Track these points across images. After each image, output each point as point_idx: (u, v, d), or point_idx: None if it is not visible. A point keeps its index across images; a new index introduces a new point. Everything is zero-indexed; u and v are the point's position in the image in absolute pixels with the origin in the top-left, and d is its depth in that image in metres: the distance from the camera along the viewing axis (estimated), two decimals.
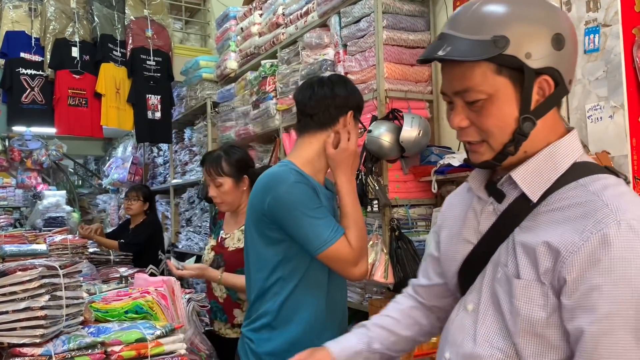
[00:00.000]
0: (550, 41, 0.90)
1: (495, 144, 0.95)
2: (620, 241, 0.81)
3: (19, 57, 4.74)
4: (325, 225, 1.59)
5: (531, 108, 0.93)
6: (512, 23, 0.90)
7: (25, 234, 4.18)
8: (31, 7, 4.83)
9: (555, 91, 0.93)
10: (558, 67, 0.91)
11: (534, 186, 0.95)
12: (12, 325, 1.55)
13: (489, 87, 0.92)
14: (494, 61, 0.90)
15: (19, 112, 4.79)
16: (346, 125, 1.71)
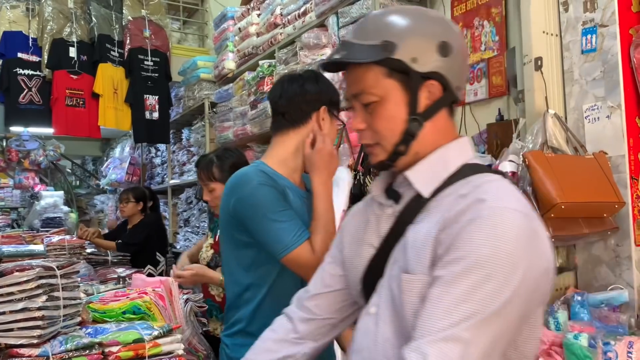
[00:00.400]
0: (437, 48, 0.97)
1: (387, 145, 1.01)
2: (491, 221, 0.85)
3: (17, 57, 4.74)
4: (289, 229, 1.53)
5: (420, 110, 1.00)
6: (401, 30, 0.98)
7: (23, 235, 4.17)
8: (28, 7, 4.83)
9: (443, 96, 1.00)
10: (444, 73, 0.99)
11: (425, 183, 1.00)
12: (9, 326, 1.55)
13: (380, 90, 0.99)
14: (384, 64, 0.97)
15: (17, 113, 4.78)
16: (319, 121, 1.66)
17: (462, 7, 3.09)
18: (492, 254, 0.83)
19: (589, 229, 1.94)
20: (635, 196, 2.02)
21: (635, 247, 1.99)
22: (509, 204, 0.88)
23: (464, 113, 3.06)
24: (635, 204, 2.02)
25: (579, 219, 1.94)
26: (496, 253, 0.83)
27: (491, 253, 0.83)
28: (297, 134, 1.66)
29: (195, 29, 6.22)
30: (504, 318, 0.83)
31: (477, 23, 2.99)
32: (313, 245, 1.54)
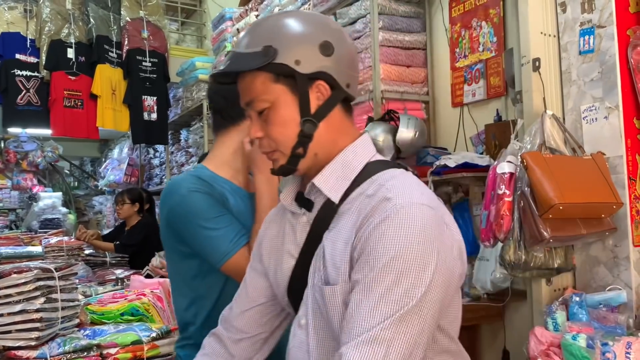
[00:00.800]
0: (319, 48, 0.97)
1: (285, 150, 1.00)
2: (397, 219, 0.87)
3: (15, 59, 4.74)
4: (224, 237, 1.42)
5: (312, 111, 0.99)
6: (280, 34, 0.98)
7: (21, 236, 4.17)
8: (26, 8, 4.82)
9: (332, 94, 1.00)
10: (330, 72, 0.98)
11: (333, 188, 0.99)
12: (7, 328, 1.55)
13: (270, 96, 0.99)
14: (268, 70, 0.97)
15: (15, 114, 4.78)
16: None
17: (460, 8, 3.09)
18: (403, 252, 0.85)
19: (587, 229, 1.94)
20: (633, 197, 2.02)
21: (633, 248, 1.99)
22: (413, 199, 0.90)
23: (462, 114, 3.06)
24: (633, 205, 2.02)
25: (577, 220, 1.94)
26: (406, 251, 0.85)
27: (401, 251, 0.85)
28: (239, 132, 1.55)
29: (193, 30, 6.22)
30: (423, 311, 0.85)
31: (475, 24, 3.00)
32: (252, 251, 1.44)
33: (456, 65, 3.11)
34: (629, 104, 2.03)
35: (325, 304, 0.94)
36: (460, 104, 3.08)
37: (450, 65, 3.14)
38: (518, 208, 1.95)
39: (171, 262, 1.56)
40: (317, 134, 0.99)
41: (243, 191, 1.56)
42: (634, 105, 2.04)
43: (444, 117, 3.20)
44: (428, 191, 0.97)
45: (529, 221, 1.91)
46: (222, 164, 1.55)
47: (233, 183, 1.54)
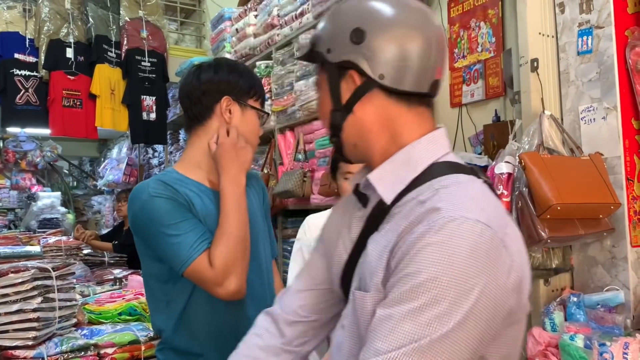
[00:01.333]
0: (349, 36, 0.92)
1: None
2: (443, 234, 0.77)
3: (13, 58, 4.73)
4: (183, 243, 1.37)
5: (343, 101, 0.95)
6: (325, 23, 0.98)
7: (20, 236, 4.17)
8: (25, 7, 4.81)
9: (362, 85, 0.93)
10: (358, 61, 0.92)
11: (387, 188, 0.92)
12: (4, 328, 1.55)
13: (318, 82, 1.01)
14: (310, 58, 0.99)
15: (13, 113, 4.77)
16: (224, 114, 1.49)
17: (458, 8, 3.09)
18: (442, 273, 0.75)
19: (585, 230, 1.94)
20: (630, 197, 2.02)
21: (631, 248, 2.00)
22: (467, 213, 0.79)
23: (461, 114, 3.06)
24: (630, 205, 2.02)
25: (575, 220, 1.94)
26: (446, 272, 0.75)
27: (441, 272, 0.75)
28: (206, 132, 1.51)
29: (192, 30, 6.22)
30: (455, 342, 0.75)
31: (473, 24, 3.00)
32: (211, 258, 1.37)
33: (455, 66, 3.11)
34: (627, 104, 2.03)
35: (356, 310, 0.89)
36: (458, 104, 3.08)
37: (449, 66, 3.14)
38: (516, 208, 1.95)
39: (144, 266, 1.52)
40: (350, 125, 0.95)
41: (213, 192, 1.51)
42: (632, 105, 2.05)
43: (442, 117, 3.20)
44: (494, 205, 0.85)
45: (526, 221, 1.91)
46: (192, 165, 1.52)
47: (202, 184, 1.51)
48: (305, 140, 3.59)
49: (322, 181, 3.27)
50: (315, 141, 3.51)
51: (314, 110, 3.49)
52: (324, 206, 3.42)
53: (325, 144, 3.42)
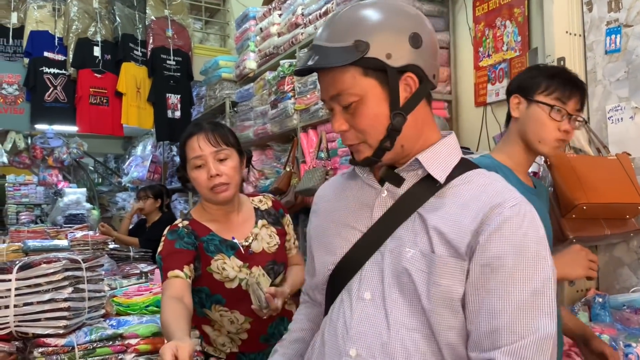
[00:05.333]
0: (408, 40, 0.97)
1: (373, 142, 1.01)
2: (522, 220, 0.93)
3: (43, 56, 4.82)
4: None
5: (400, 104, 0.99)
6: (371, 28, 0.97)
7: (47, 230, 4.26)
8: (55, 7, 4.91)
9: (421, 86, 1.00)
10: (419, 64, 0.99)
11: (439, 168, 1.02)
12: (37, 316, 1.59)
13: (359, 90, 0.98)
14: (359, 64, 0.97)
15: (42, 111, 4.87)
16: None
17: (484, 7, 3.08)
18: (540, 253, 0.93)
19: (610, 230, 1.93)
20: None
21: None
22: (526, 203, 0.97)
23: (485, 113, 3.05)
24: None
25: (601, 220, 1.92)
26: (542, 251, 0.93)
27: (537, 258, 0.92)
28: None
29: (217, 29, 6.28)
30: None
31: (499, 23, 2.98)
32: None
33: (480, 65, 3.10)
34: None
35: (432, 273, 0.95)
36: (483, 103, 3.07)
37: (474, 65, 3.13)
38: None
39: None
40: (407, 127, 1.00)
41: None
42: None
43: (466, 116, 3.19)
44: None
45: (552, 221, 1.90)
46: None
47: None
48: (327, 139, 3.61)
49: None
50: (337, 139, 3.52)
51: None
52: None
53: None
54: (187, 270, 1.69)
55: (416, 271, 0.97)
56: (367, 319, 1.00)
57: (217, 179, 1.71)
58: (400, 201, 1.03)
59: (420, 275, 0.96)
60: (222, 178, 1.71)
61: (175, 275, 1.67)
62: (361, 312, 1.01)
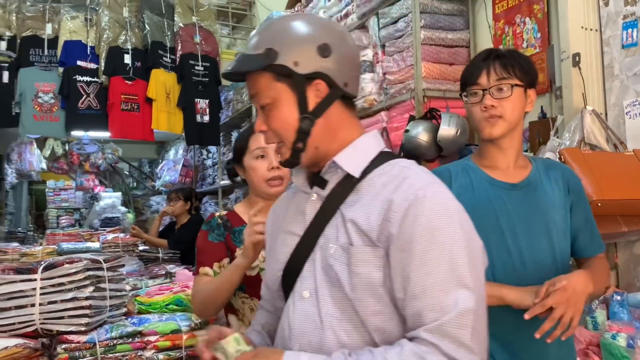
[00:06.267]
0: (317, 50, 1.06)
1: (288, 144, 1.10)
2: (428, 201, 0.99)
3: (76, 65, 4.97)
4: None
5: (310, 109, 1.08)
6: (282, 38, 1.07)
7: (81, 233, 4.41)
8: (87, 17, 5.06)
9: (330, 93, 1.08)
10: (327, 72, 1.07)
11: (354, 165, 1.09)
12: (60, 314, 1.67)
13: (272, 93, 1.08)
14: (270, 70, 1.06)
15: (76, 118, 5.02)
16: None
17: (503, 4, 3.06)
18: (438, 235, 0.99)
19: (628, 227, 1.90)
20: None
21: None
22: (433, 185, 1.03)
23: None
24: None
25: (618, 217, 1.90)
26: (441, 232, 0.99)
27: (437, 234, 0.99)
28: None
29: (243, 34, 6.36)
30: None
31: (518, 20, 2.96)
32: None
33: None
34: None
35: (351, 264, 1.02)
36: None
37: None
38: None
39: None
40: (315, 130, 1.08)
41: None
42: None
43: None
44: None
45: None
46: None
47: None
48: None
49: None
50: None
51: (358, 110, 3.52)
52: None
53: None
54: (216, 267, 1.79)
55: (339, 265, 1.04)
56: (305, 316, 1.07)
57: (276, 171, 1.82)
58: (326, 201, 1.10)
59: (342, 268, 1.04)
60: (280, 172, 1.82)
61: (205, 272, 1.76)
62: (300, 310, 1.09)
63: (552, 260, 1.56)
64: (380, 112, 3.38)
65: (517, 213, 1.56)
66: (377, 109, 3.40)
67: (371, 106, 3.44)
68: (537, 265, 1.53)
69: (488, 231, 1.54)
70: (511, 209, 1.57)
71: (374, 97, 3.42)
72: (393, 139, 3.25)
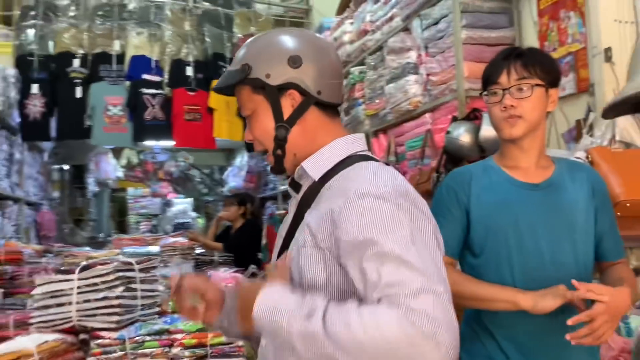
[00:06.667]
0: (287, 62, 1.11)
1: (270, 151, 1.16)
2: (364, 202, 0.99)
3: (142, 79, 5.26)
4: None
5: (285, 117, 1.13)
6: (255, 53, 1.14)
7: (146, 237, 4.66)
8: (151, 32, 5.35)
9: (303, 101, 1.13)
10: (298, 82, 1.12)
11: (315, 169, 1.14)
12: (93, 312, 1.80)
13: (251, 104, 1.15)
14: (247, 84, 1.14)
15: (143, 128, 5.30)
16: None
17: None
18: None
19: None
20: None
21: None
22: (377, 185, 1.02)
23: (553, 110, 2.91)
24: None
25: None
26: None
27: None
28: None
29: None
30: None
31: (563, 15, 2.85)
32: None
33: None
34: None
35: (299, 264, 1.07)
36: None
37: None
38: None
39: None
40: (292, 137, 1.14)
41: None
42: None
43: None
44: (390, 177, 1.06)
45: None
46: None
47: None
48: (396, 143, 3.63)
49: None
50: (405, 143, 3.54)
51: (404, 112, 3.52)
52: None
53: (415, 145, 3.43)
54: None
55: (295, 266, 1.08)
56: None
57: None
58: (299, 206, 1.15)
59: (296, 270, 1.07)
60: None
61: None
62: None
63: (574, 262, 1.52)
64: (425, 114, 3.36)
65: (538, 214, 1.53)
66: (422, 110, 3.38)
67: (416, 108, 3.42)
68: (558, 267, 1.49)
69: (507, 231, 1.53)
70: (532, 210, 1.54)
71: (418, 98, 3.40)
72: (437, 140, 3.22)
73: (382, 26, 3.77)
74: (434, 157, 3.18)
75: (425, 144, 3.30)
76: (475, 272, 1.57)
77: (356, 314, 0.90)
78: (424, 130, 3.33)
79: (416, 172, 3.27)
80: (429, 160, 3.26)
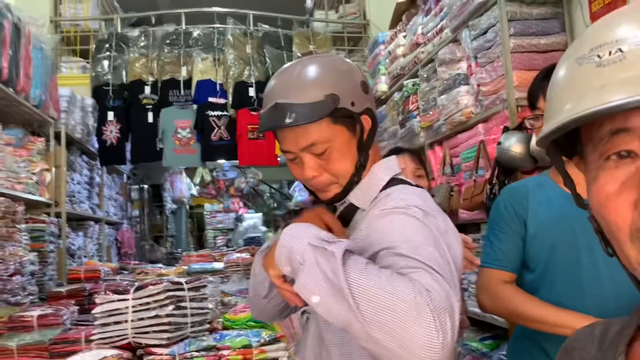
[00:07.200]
0: (361, 88, 1.13)
1: (344, 181, 1.14)
2: (398, 218, 1.02)
3: (208, 102, 5.51)
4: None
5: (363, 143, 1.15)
6: (335, 82, 1.09)
7: (212, 254, 4.85)
8: (215, 57, 5.60)
9: (372, 125, 1.16)
10: (371, 107, 1.15)
11: (364, 202, 1.16)
12: (146, 329, 1.93)
13: (331, 137, 1.10)
14: (331, 115, 1.07)
15: (210, 149, 5.55)
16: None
17: (599, 2, 2.86)
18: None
19: None
20: None
21: None
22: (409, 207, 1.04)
23: None
24: None
25: None
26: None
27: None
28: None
29: (359, 57, 6.54)
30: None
31: None
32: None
33: None
34: None
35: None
36: None
37: None
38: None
39: None
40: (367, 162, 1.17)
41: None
42: None
43: None
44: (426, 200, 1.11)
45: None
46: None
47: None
48: (451, 154, 3.61)
49: (463, 195, 3.26)
50: (460, 154, 3.51)
51: (457, 124, 3.49)
52: (470, 220, 3.38)
53: (470, 157, 3.39)
54: None
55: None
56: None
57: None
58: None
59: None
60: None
61: None
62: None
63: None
64: (478, 125, 3.32)
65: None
66: (475, 121, 3.34)
67: (468, 119, 3.39)
68: (616, 285, 1.45)
69: (564, 248, 1.51)
70: (589, 226, 1.52)
71: (470, 109, 3.37)
72: (490, 151, 3.17)
73: (432, 38, 3.77)
74: (488, 168, 3.13)
75: (479, 155, 3.26)
76: (530, 288, 1.56)
77: (376, 267, 0.91)
78: (477, 141, 3.29)
79: (471, 184, 3.24)
80: (483, 171, 3.21)
